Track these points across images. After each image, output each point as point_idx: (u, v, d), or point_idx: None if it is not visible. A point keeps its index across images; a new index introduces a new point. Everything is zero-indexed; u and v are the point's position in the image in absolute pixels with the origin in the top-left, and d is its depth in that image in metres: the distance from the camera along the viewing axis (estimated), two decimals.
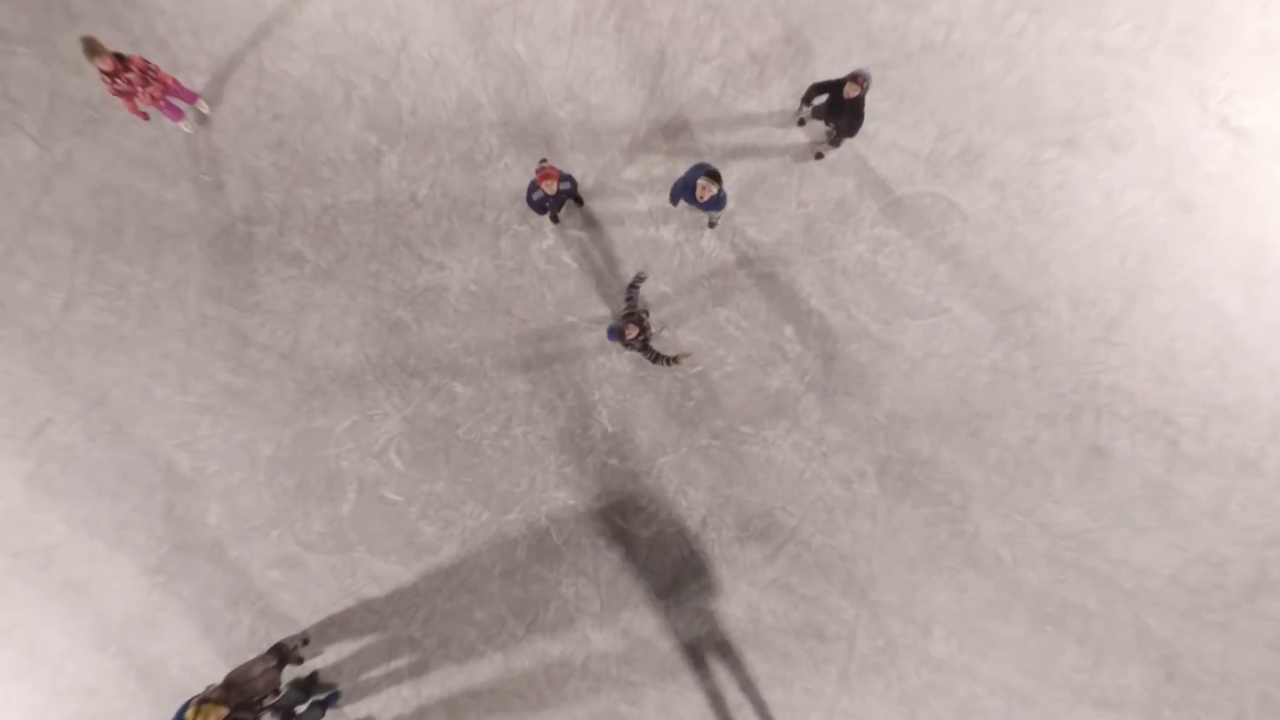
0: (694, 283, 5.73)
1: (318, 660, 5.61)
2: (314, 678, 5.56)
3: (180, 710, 4.26)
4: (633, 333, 4.56)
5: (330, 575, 5.66)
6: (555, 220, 5.72)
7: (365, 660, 5.62)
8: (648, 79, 5.86)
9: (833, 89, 4.91)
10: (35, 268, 5.79)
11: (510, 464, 5.68)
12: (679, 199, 4.98)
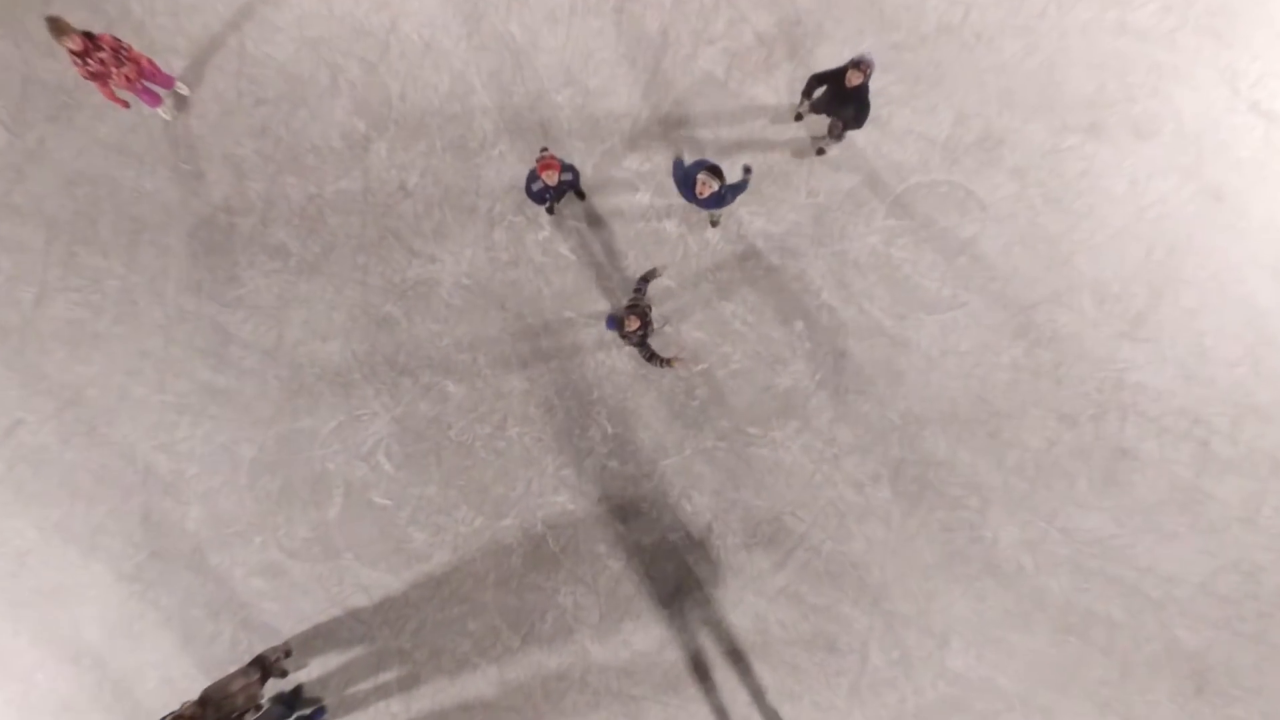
0: (698, 276, 5.46)
1: (302, 673, 5.35)
2: (298, 691, 5.29)
3: None
4: (633, 325, 4.32)
5: (316, 584, 5.41)
6: (551, 212, 5.44)
7: (352, 673, 5.36)
8: (650, 62, 5.59)
9: (834, 79, 4.62)
10: (6, 260, 5.53)
11: (505, 467, 5.42)
12: (678, 188, 4.70)
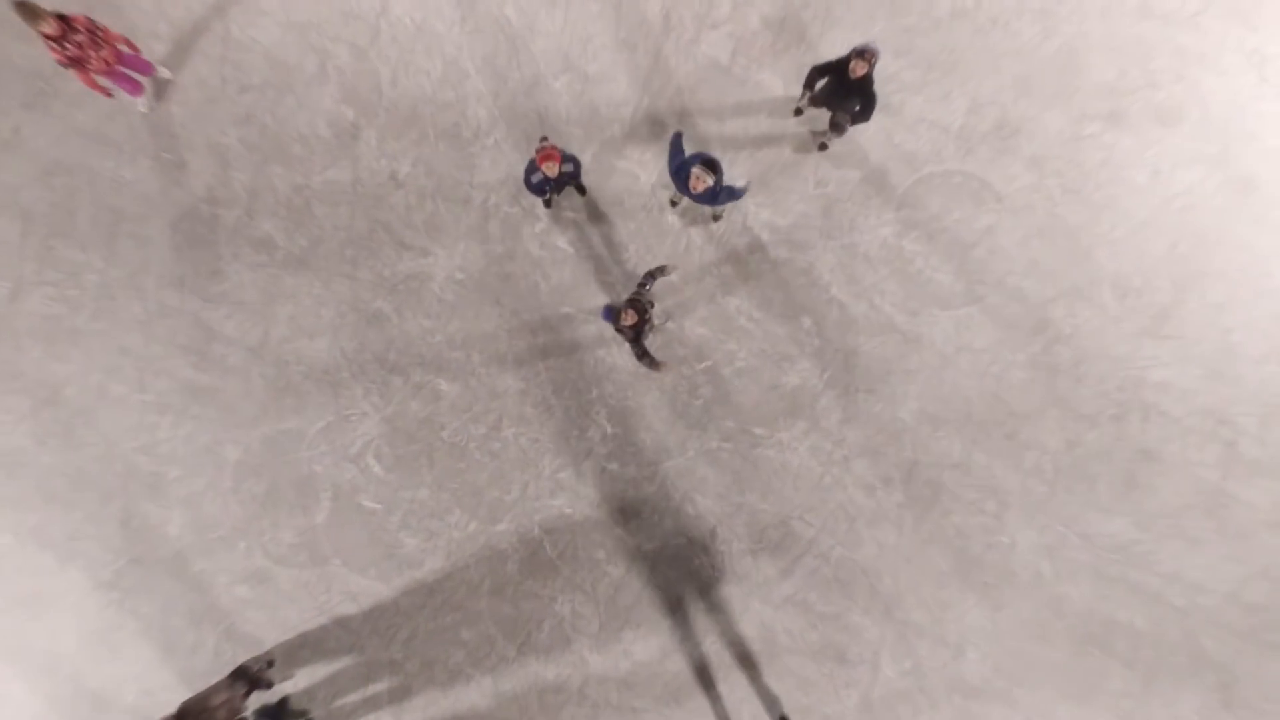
0: (702, 270, 5.23)
1: (288, 684, 5.12)
2: (284, 704, 5.06)
3: None
4: (630, 319, 4.11)
5: (302, 591, 5.18)
6: (549, 205, 5.21)
7: (340, 685, 5.13)
8: (651, 47, 5.36)
9: (836, 70, 4.41)
10: None
11: (500, 469, 5.19)
12: (673, 180, 4.47)
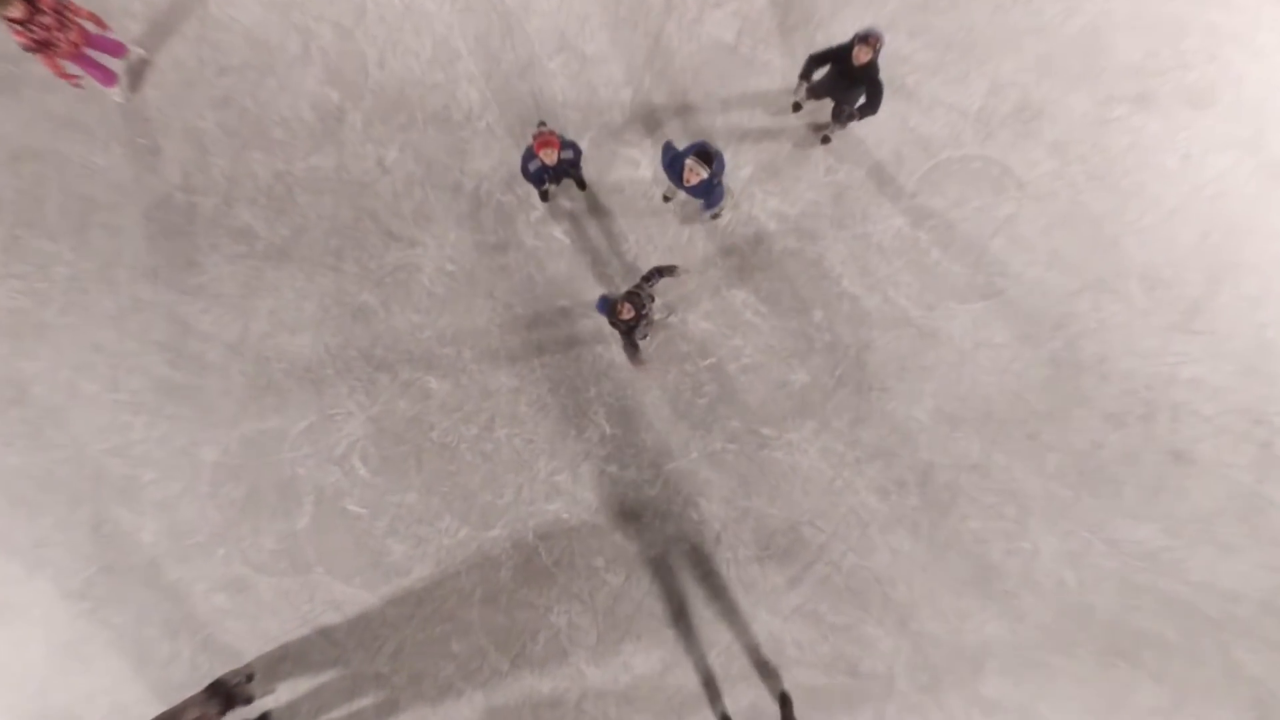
0: (706, 261, 4.96)
1: (269, 699, 4.85)
2: None
3: None
4: (625, 313, 3.83)
5: (284, 601, 4.91)
6: (545, 198, 4.93)
7: (324, 699, 4.86)
8: (652, 26, 5.09)
9: (838, 57, 4.13)
10: None
11: (493, 471, 4.93)
12: (666, 172, 4.22)
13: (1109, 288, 4.86)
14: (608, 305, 3.99)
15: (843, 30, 4.97)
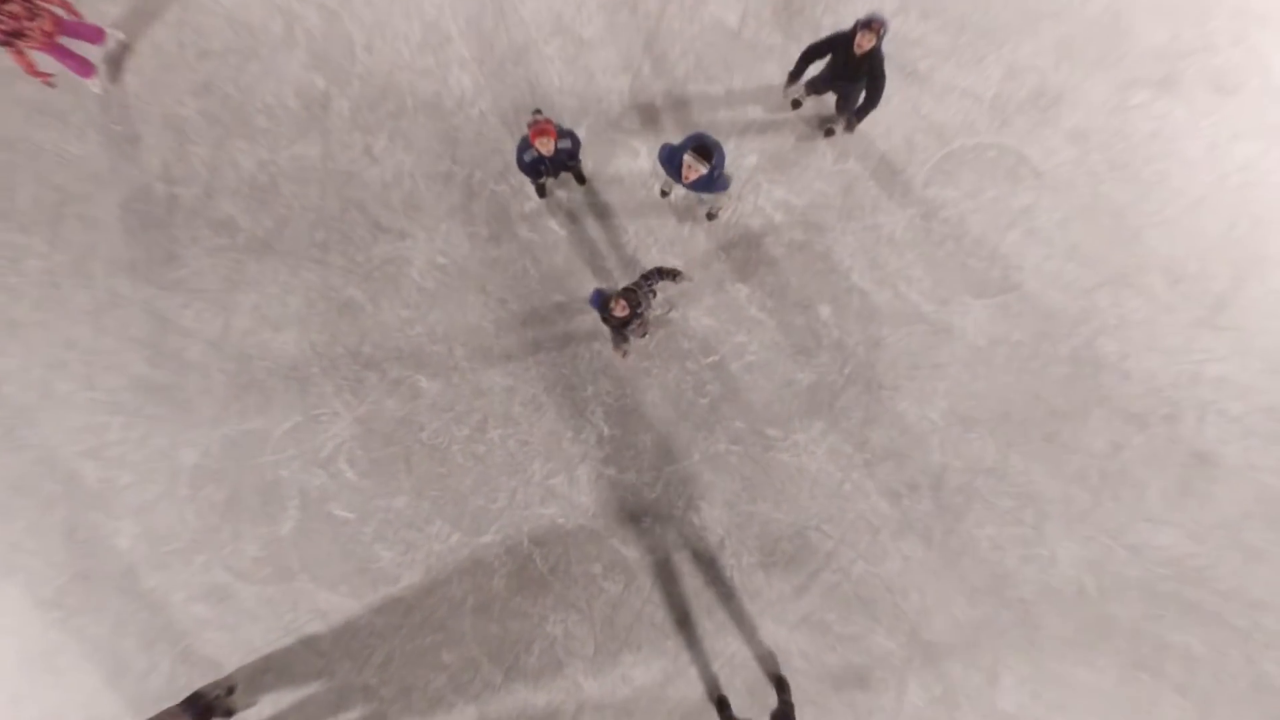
0: (709, 254, 4.75)
1: (250, 713, 4.66)
2: None
3: None
4: (620, 310, 3.67)
5: (267, 609, 4.72)
6: (542, 194, 4.71)
7: (309, 713, 4.67)
8: (652, 8, 4.89)
9: (838, 46, 3.91)
10: None
11: (486, 474, 4.73)
12: (664, 169, 4.00)
13: (1130, 282, 4.66)
14: (601, 300, 3.79)
15: (852, 12, 4.75)
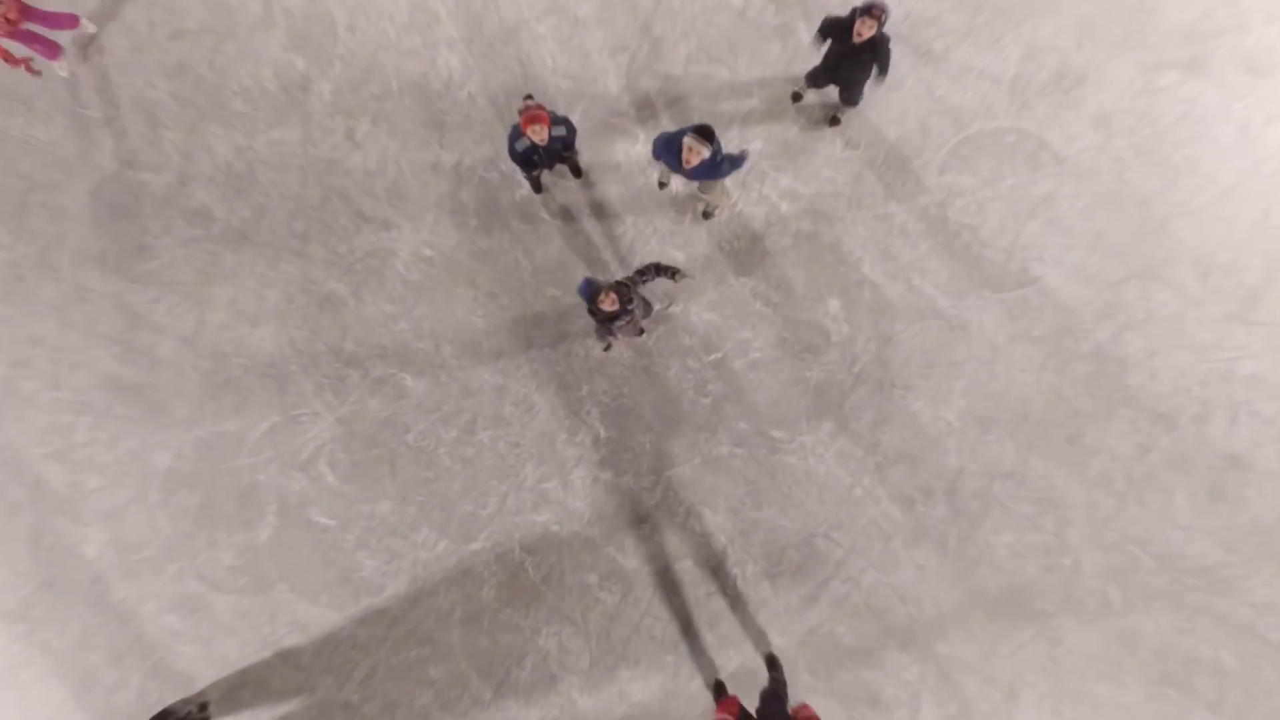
0: (711, 246, 4.58)
1: None
2: None
3: None
4: (609, 304, 3.52)
5: (242, 621, 4.54)
6: (538, 189, 4.49)
7: None
8: None
9: (837, 31, 3.82)
10: None
11: (475, 479, 4.55)
12: (660, 158, 3.83)
13: (1158, 274, 4.47)
14: (591, 290, 3.57)
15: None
